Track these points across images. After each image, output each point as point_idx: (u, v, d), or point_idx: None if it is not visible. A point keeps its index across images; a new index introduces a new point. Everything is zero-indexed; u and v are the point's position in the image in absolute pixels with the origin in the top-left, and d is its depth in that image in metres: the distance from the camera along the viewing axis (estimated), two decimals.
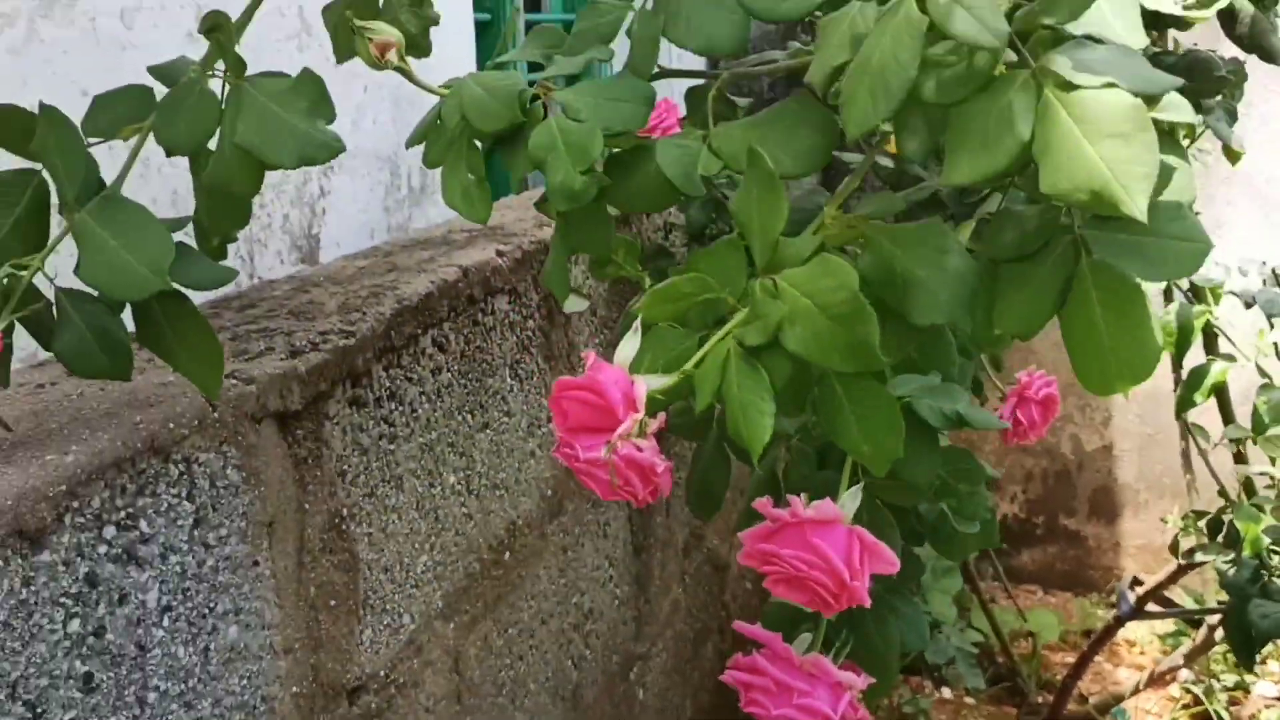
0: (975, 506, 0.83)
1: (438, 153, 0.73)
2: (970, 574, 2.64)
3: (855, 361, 0.57)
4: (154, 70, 0.86)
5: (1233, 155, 1.26)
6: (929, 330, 0.63)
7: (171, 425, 0.84)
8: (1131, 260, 0.54)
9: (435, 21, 0.81)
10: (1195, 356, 1.50)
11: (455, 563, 1.27)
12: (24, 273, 0.75)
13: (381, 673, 1.13)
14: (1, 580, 0.71)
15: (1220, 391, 1.53)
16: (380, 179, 1.71)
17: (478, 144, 0.72)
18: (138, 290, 0.71)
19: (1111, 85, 0.49)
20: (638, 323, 0.62)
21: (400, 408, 1.15)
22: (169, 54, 1.21)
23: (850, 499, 0.72)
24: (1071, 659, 2.64)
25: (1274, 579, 1.23)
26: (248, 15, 0.80)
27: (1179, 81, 0.52)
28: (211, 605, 0.89)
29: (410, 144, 0.78)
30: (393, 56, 0.72)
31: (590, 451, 0.61)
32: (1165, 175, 0.54)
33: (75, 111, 1.14)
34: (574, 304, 0.86)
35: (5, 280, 0.73)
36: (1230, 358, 1.47)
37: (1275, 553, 1.25)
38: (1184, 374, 1.48)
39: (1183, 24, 0.76)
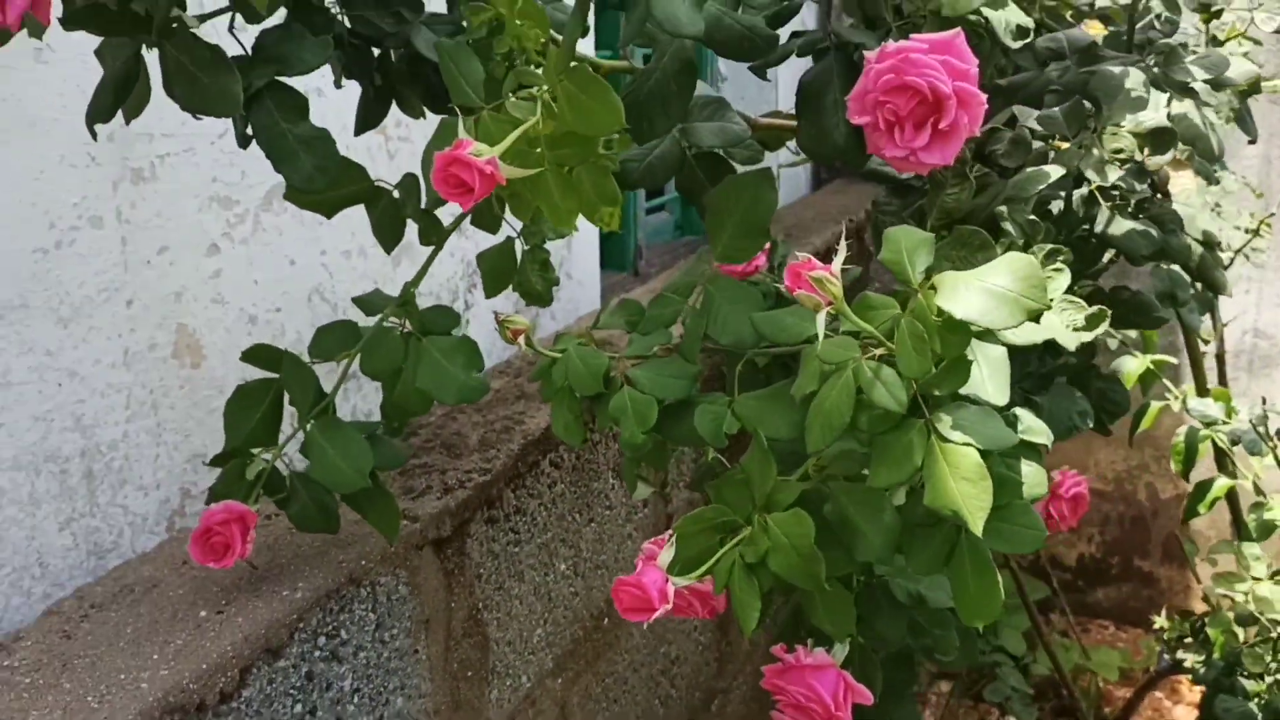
0: (947, 644, 1.11)
1: (549, 394, 1.05)
2: (1032, 613, 2.88)
3: (812, 584, 0.87)
4: (358, 300, 1.19)
5: (1203, 340, 1.50)
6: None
7: (364, 561, 1.18)
8: (993, 540, 0.83)
9: (556, 282, 1.13)
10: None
11: (563, 631, 1.59)
12: (268, 458, 1.09)
13: None
14: (255, 683, 1.05)
15: (1232, 502, 1.77)
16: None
17: (577, 395, 1.03)
18: (347, 487, 1.04)
19: (969, 444, 0.78)
20: (674, 537, 0.93)
21: (524, 518, 1.48)
22: (358, 223, 1.54)
23: (840, 651, 1.02)
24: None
25: (1242, 678, 1.47)
26: (421, 274, 1.13)
27: (1016, 439, 0.80)
28: (385, 685, 1.23)
29: (534, 378, 1.09)
30: (522, 341, 1.04)
31: (639, 620, 0.92)
32: (1015, 487, 0.83)
33: (285, 277, 1.49)
34: (642, 492, 1.16)
35: (262, 467, 1.07)
36: (1234, 475, 1.70)
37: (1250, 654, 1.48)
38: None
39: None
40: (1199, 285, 1.38)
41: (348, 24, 1.01)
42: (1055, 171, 1.08)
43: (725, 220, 1.00)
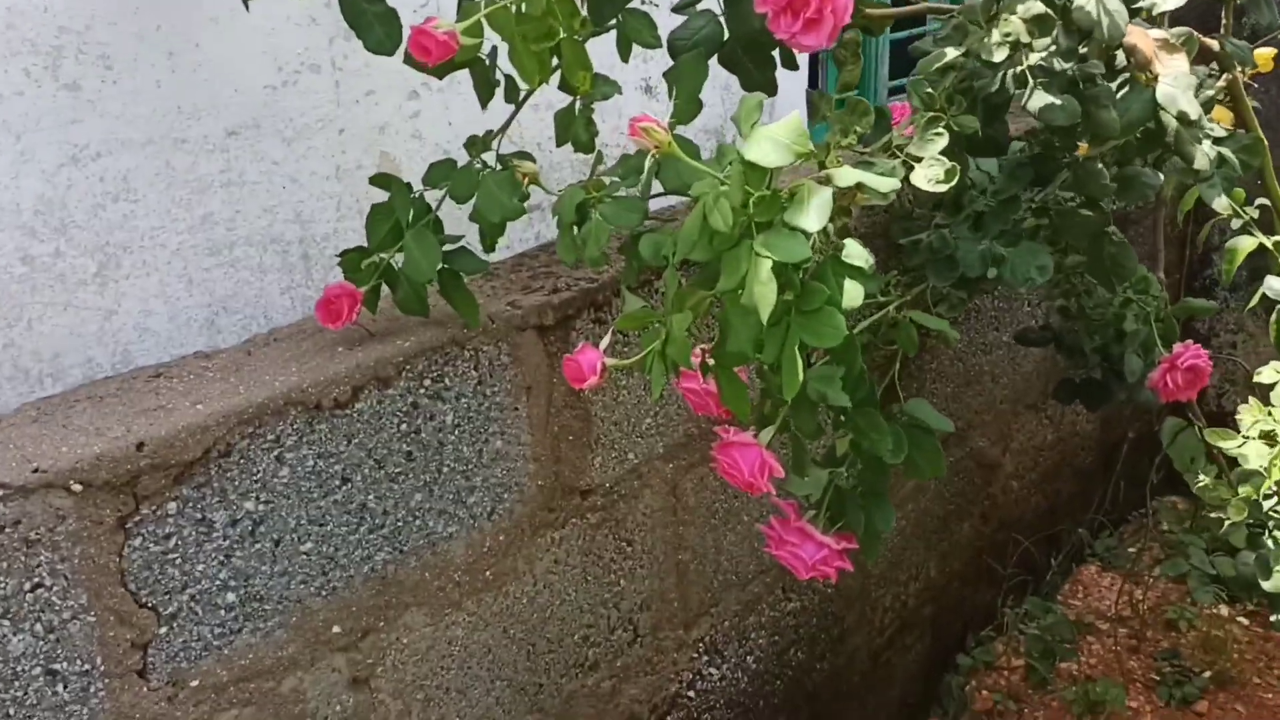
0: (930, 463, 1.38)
1: (559, 225, 1.39)
2: None
3: (686, 364, 1.18)
4: (466, 142, 1.57)
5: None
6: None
7: (465, 330, 1.59)
8: (803, 333, 1.09)
9: (596, 133, 1.45)
10: None
11: (675, 426, 1.94)
12: (384, 258, 1.51)
13: (607, 484, 1.85)
14: (366, 400, 1.49)
15: None
16: (709, 146, 2.36)
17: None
18: (421, 278, 1.44)
19: (769, 258, 1.04)
20: (613, 325, 1.25)
21: None
22: None
23: (765, 434, 1.31)
24: None
25: None
26: (505, 125, 1.49)
27: (805, 254, 1.04)
28: (485, 428, 1.64)
29: (554, 213, 1.43)
30: (527, 181, 1.37)
31: (580, 387, 1.26)
32: (820, 295, 1.08)
33: (475, 121, 1.89)
34: (633, 303, 1.47)
35: (373, 260, 1.49)
36: None
37: None
38: None
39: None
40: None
41: None
42: (952, 52, 1.25)
43: (679, 90, 1.29)
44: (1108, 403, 2.46)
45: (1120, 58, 1.47)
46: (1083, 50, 1.41)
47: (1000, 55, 1.23)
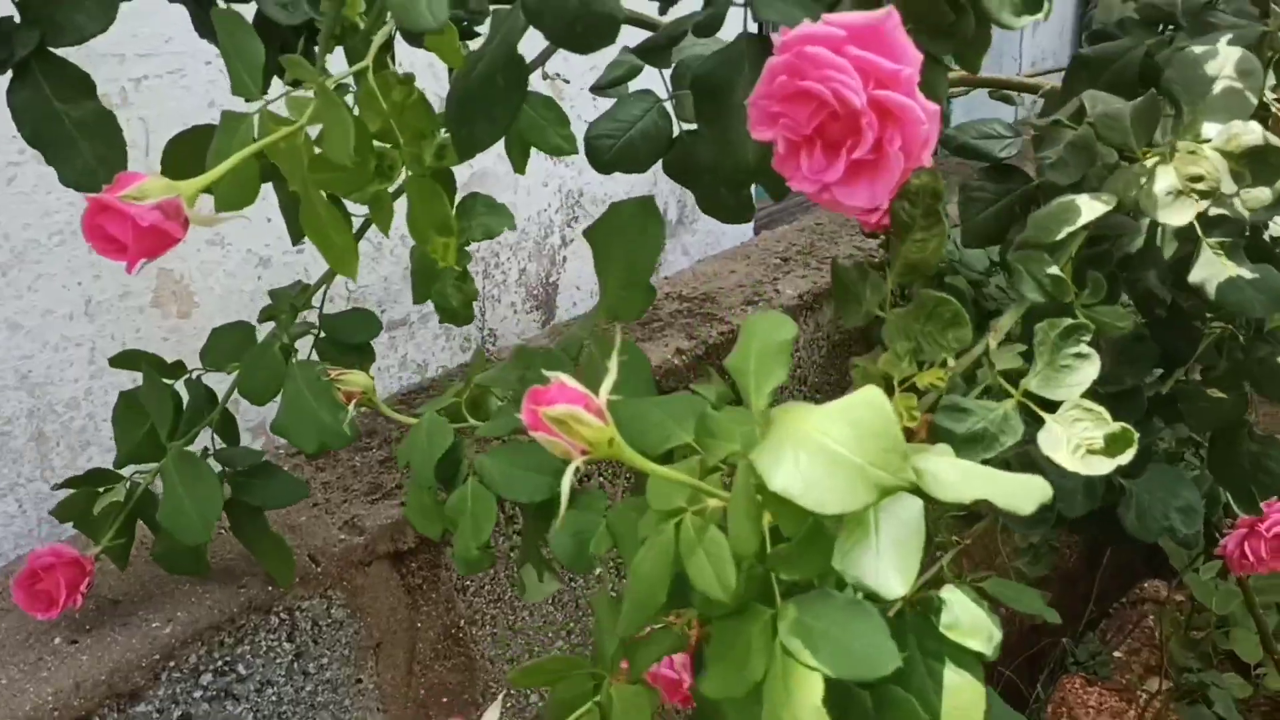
0: None
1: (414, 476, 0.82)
2: (1261, 623, 2.44)
3: None
4: (273, 293, 0.99)
5: None
6: None
7: (270, 587, 1.01)
8: None
9: (475, 296, 0.89)
10: None
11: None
12: (139, 483, 0.93)
13: None
14: None
15: None
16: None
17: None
18: (191, 539, 0.86)
19: (817, 670, 0.50)
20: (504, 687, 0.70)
21: None
22: None
23: None
24: None
25: None
26: (319, 286, 0.92)
27: (890, 666, 0.50)
28: (310, 719, 1.07)
29: (400, 460, 0.85)
30: (351, 405, 0.80)
31: None
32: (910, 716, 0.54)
33: None
34: (544, 589, 0.91)
35: (112, 501, 0.91)
36: None
37: None
38: None
39: None
40: None
41: None
42: (1091, 207, 0.71)
43: (611, 265, 0.73)
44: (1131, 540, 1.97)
45: None
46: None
47: (1180, 217, 0.68)
